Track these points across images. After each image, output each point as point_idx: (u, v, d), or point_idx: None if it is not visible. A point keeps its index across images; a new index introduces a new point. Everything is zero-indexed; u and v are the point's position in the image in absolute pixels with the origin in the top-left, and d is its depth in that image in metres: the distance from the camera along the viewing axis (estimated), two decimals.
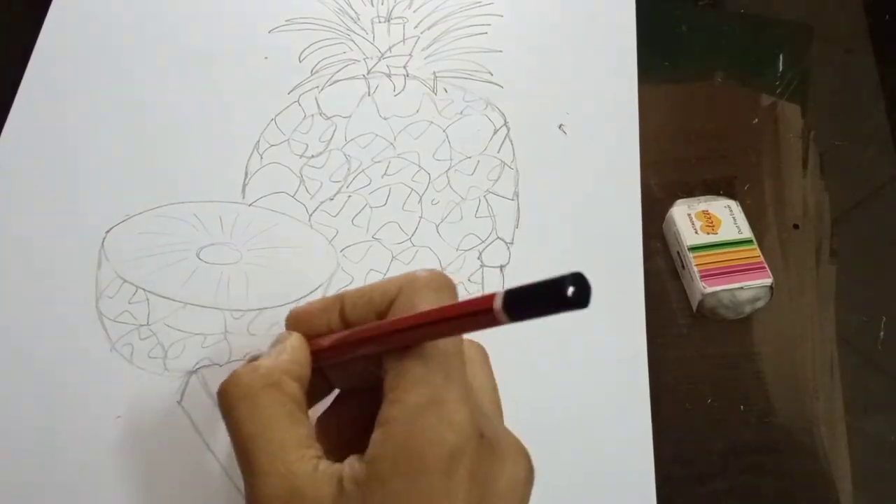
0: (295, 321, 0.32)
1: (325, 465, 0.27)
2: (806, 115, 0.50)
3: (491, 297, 0.24)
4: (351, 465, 0.27)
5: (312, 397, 0.32)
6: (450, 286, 0.30)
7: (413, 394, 0.27)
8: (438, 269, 0.31)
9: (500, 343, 0.43)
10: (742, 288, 0.42)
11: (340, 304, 0.31)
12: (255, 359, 0.30)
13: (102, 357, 0.41)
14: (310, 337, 0.31)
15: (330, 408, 0.33)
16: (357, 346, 0.30)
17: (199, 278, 0.43)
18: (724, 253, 0.43)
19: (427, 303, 0.29)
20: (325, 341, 0.31)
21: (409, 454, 0.26)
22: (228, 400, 0.29)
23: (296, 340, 0.31)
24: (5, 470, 0.39)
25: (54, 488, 0.38)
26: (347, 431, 0.32)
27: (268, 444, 0.28)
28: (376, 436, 0.27)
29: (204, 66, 0.50)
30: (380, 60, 0.50)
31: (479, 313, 0.25)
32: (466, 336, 0.29)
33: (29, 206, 0.45)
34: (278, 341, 0.31)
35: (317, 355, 0.31)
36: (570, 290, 0.22)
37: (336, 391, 0.34)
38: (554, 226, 0.45)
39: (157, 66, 0.50)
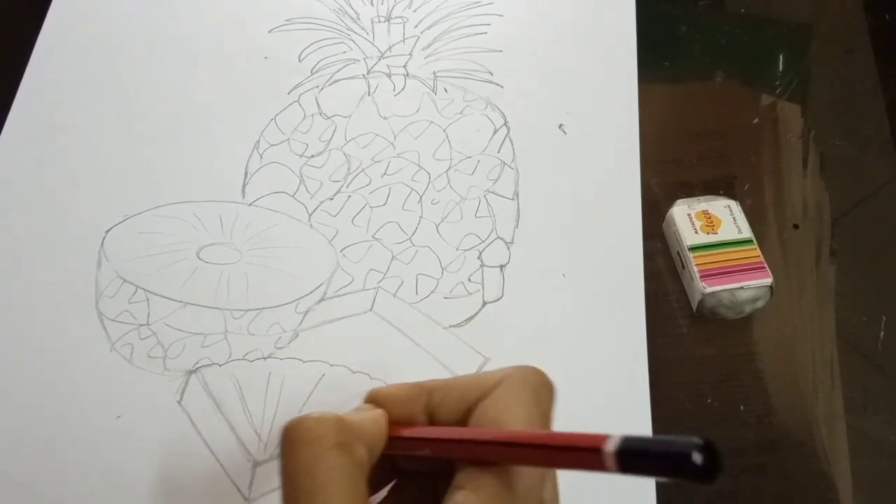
0: (374, 402, 0.30)
1: None
2: (806, 115, 0.50)
3: (602, 438, 0.21)
4: None
5: (375, 481, 0.29)
6: (547, 386, 0.28)
7: None
8: (537, 367, 0.28)
9: (500, 342, 0.43)
10: (742, 288, 0.42)
11: (426, 397, 0.29)
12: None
13: (102, 357, 0.41)
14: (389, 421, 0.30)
15: (387, 497, 0.32)
16: (439, 447, 0.27)
17: (199, 278, 0.43)
18: (724, 253, 0.43)
19: (522, 405, 0.27)
20: (406, 432, 0.29)
21: None
22: (293, 442, 0.26)
23: (379, 415, 0.29)
24: (5, 470, 0.38)
25: (54, 488, 0.38)
26: None
27: None
28: None
29: (204, 66, 0.50)
30: (380, 60, 0.50)
31: (583, 451, 0.22)
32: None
33: (28, 206, 0.45)
34: (357, 411, 0.29)
35: (392, 442, 0.29)
36: (699, 459, 0.19)
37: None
38: (554, 226, 0.45)
39: (156, 66, 0.50)
